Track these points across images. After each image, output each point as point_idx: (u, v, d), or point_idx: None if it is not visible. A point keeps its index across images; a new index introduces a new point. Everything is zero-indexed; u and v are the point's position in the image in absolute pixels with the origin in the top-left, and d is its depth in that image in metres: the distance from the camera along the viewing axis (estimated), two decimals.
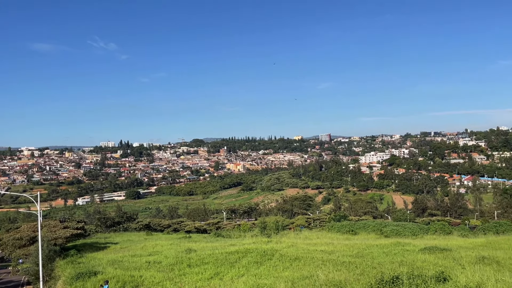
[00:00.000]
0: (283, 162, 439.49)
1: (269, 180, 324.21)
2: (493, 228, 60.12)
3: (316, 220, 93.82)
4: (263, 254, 32.76)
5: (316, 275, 23.15)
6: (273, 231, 59.02)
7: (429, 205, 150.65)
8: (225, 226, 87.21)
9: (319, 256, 31.17)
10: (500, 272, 18.36)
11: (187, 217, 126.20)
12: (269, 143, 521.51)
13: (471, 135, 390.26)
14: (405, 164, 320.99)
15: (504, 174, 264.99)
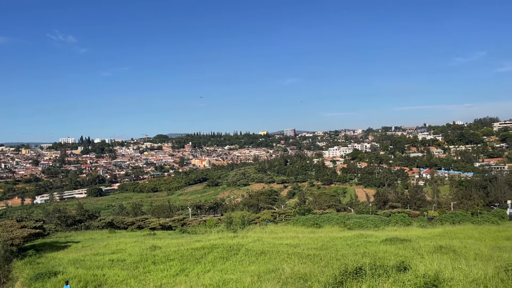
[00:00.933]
0: (249, 157, 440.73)
1: (235, 176, 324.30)
2: (449, 218, 62.72)
3: (281, 214, 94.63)
4: (229, 249, 32.75)
5: (282, 268, 23.40)
6: (239, 226, 59.07)
7: (390, 198, 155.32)
8: (190, 222, 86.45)
9: (284, 250, 31.50)
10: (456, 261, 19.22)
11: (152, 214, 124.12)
12: (235, 139, 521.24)
13: (429, 129, 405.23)
14: (367, 158, 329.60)
15: (460, 166, 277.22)
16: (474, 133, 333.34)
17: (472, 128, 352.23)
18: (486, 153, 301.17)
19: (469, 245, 31.63)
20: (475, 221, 58.49)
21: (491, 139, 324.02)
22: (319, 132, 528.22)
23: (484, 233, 41.82)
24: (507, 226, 54.33)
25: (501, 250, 29.74)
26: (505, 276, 12.54)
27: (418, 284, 11.86)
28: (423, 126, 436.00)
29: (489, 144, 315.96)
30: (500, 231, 44.69)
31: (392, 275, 13.35)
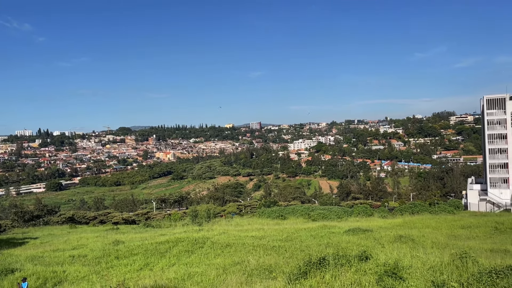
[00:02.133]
0: (215, 150, 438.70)
1: (200, 169, 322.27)
2: (409, 209, 65.01)
3: (247, 206, 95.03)
4: (194, 242, 32.56)
5: (247, 260, 23.52)
6: (204, 219, 58.82)
7: (352, 189, 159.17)
8: (155, 216, 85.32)
9: (250, 242, 31.64)
10: (415, 249, 19.97)
11: (115, 208, 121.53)
12: (200, 131, 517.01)
13: (390, 123, 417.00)
14: (331, 150, 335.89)
15: (419, 158, 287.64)
16: (432, 127, 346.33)
17: (431, 122, 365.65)
18: (443, 145, 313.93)
19: (427, 234, 32.93)
20: (432, 211, 60.88)
21: (448, 132, 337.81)
22: (285, 125, 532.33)
23: (440, 223, 43.67)
24: (462, 215, 56.99)
25: (456, 238, 31.17)
26: (460, 263, 13.12)
27: (378, 273, 12.21)
28: (385, 119, 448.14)
29: (446, 137, 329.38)
30: (456, 220, 46.83)
31: (354, 265, 13.68)
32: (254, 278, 18.76)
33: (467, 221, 45.02)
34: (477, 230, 36.78)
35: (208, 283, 19.75)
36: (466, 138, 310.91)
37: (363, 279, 12.04)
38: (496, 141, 79.60)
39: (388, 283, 11.27)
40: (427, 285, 10.82)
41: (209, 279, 20.40)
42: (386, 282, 11.37)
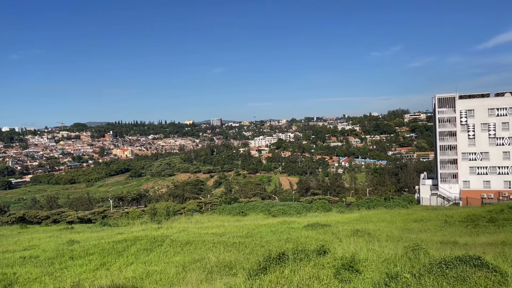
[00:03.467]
0: (174, 147, 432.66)
1: (160, 166, 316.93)
2: (365, 204, 67.00)
3: (207, 203, 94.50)
4: (153, 240, 31.99)
5: (207, 257, 23.40)
6: (163, 217, 57.93)
7: (312, 185, 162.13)
8: (112, 214, 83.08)
9: (210, 239, 31.48)
10: (370, 243, 20.60)
11: (69, 207, 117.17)
12: (159, 128, 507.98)
13: (348, 120, 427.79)
14: (290, 147, 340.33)
15: (375, 155, 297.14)
16: (388, 124, 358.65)
17: (386, 119, 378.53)
18: (398, 142, 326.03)
19: (382, 227, 34.06)
20: (387, 206, 63.06)
21: (403, 130, 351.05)
22: (245, 122, 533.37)
23: (395, 217, 45.33)
24: (414, 209, 59.41)
25: (409, 232, 32.46)
26: (412, 255, 13.66)
27: (336, 266, 12.48)
28: (343, 117, 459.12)
29: (400, 134, 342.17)
30: (409, 214, 48.77)
31: (313, 259, 13.91)
32: (214, 275, 18.69)
33: (419, 215, 46.97)
34: (428, 224, 38.48)
35: (167, 281, 19.48)
36: (419, 135, 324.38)
37: (321, 273, 12.28)
38: (447, 138, 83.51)
39: (345, 276, 11.55)
40: (382, 277, 11.19)
41: (168, 277, 20.13)
42: (343, 275, 11.65)
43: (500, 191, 78.14)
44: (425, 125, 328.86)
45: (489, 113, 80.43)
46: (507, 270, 10.47)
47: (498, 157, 79.84)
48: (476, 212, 43.02)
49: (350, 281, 11.27)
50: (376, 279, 11.16)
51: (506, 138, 79.34)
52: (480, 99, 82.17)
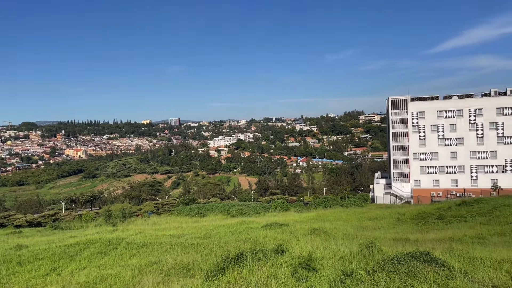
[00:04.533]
0: (131, 147, 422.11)
1: (115, 166, 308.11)
2: (322, 203, 68.36)
3: (165, 205, 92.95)
4: (108, 243, 31.00)
5: (165, 259, 22.97)
6: (119, 219, 56.36)
7: (270, 185, 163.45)
8: (64, 217, 79.84)
9: (167, 241, 30.94)
10: (327, 241, 21.01)
11: (17, 210, 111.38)
12: (115, 127, 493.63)
13: (306, 121, 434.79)
14: (250, 147, 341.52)
15: (331, 155, 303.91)
16: (344, 125, 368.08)
17: (342, 120, 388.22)
18: (354, 143, 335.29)
19: (338, 226, 34.87)
20: (343, 205, 64.66)
21: (358, 130, 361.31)
22: (204, 122, 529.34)
23: (350, 215, 46.56)
24: (369, 208, 61.34)
25: (364, 229, 33.42)
26: (367, 252, 14.06)
27: (293, 265, 12.61)
28: (301, 117, 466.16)
29: (356, 134, 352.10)
30: (364, 212, 50.27)
31: (271, 258, 13.99)
32: (171, 277, 18.38)
33: (373, 213, 48.51)
34: (382, 221, 39.82)
35: (122, 285, 18.93)
36: (374, 136, 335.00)
37: (279, 272, 12.37)
38: (399, 139, 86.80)
39: (302, 275, 11.70)
40: (338, 274, 11.42)
41: (123, 280, 19.56)
42: (300, 273, 11.79)
43: (448, 189, 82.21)
44: (379, 126, 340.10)
45: (438, 115, 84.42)
46: (454, 265, 11.00)
47: (446, 157, 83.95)
48: (426, 209, 44.96)
49: (307, 279, 11.42)
50: (332, 276, 11.37)
51: (454, 139, 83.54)
52: (430, 101, 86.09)
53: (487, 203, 38.73)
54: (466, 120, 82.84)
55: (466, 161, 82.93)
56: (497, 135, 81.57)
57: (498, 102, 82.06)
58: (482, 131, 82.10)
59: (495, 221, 30.57)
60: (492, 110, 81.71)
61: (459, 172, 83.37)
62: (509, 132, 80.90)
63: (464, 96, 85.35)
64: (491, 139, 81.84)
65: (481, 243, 19.98)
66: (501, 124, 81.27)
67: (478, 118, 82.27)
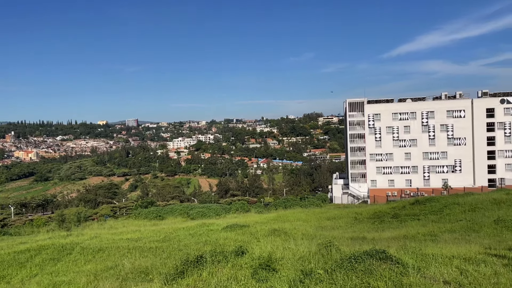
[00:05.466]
0: (86, 148, 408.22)
1: (69, 169, 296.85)
2: (282, 203, 68.94)
3: (122, 208, 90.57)
4: (61, 249, 29.77)
5: (122, 264, 22.34)
6: (73, 223, 54.35)
7: (231, 187, 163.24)
8: (13, 222, 75.88)
9: (125, 245, 30.14)
10: (287, 241, 21.19)
11: None
12: (69, 128, 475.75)
13: (266, 122, 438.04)
14: (210, 149, 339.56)
15: (291, 156, 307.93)
16: (303, 127, 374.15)
17: (302, 122, 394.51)
18: (313, 144, 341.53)
19: (298, 226, 35.29)
20: (303, 205, 65.51)
21: (317, 132, 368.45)
22: (164, 123, 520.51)
23: (310, 215, 47.26)
24: (328, 208, 62.55)
25: (323, 229, 34.03)
26: (325, 252, 14.30)
27: (253, 266, 12.62)
28: (261, 119, 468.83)
29: (315, 136, 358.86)
30: (323, 212, 51.19)
31: (231, 260, 13.93)
32: (128, 282, 17.88)
33: (332, 213, 49.49)
34: (340, 221, 40.69)
35: None
36: (332, 137, 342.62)
37: (239, 273, 12.33)
38: (356, 140, 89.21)
39: (262, 276, 11.72)
40: (297, 274, 11.53)
41: (78, 287, 18.85)
42: (260, 274, 11.80)
43: (402, 189, 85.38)
44: (337, 128, 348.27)
45: (393, 117, 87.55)
46: (408, 262, 11.39)
47: (400, 158, 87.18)
48: (382, 209, 46.42)
49: (267, 280, 11.45)
50: (291, 276, 11.47)
51: (407, 140, 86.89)
52: (385, 104, 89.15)
53: (438, 202, 40.47)
54: (419, 122, 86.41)
55: (419, 161, 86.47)
56: (447, 137, 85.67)
57: (448, 105, 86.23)
58: (434, 133, 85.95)
59: (446, 218, 32.01)
60: (442, 113, 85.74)
61: (413, 172, 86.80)
62: (458, 134, 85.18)
63: (417, 99, 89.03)
64: (441, 141, 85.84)
65: (433, 240, 20.85)
66: (451, 126, 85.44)
67: (430, 120, 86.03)
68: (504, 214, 27.81)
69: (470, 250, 14.63)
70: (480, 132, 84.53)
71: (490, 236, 21.36)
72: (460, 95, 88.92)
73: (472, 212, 31.75)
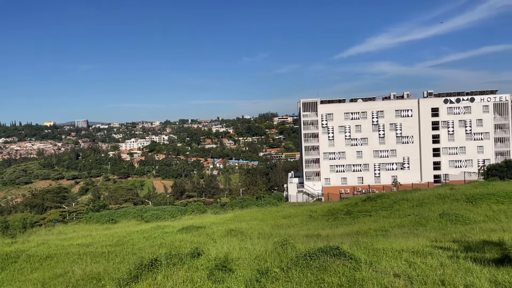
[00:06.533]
0: (32, 151, 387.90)
1: (13, 173, 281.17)
2: (239, 203, 69.03)
3: (72, 212, 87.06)
4: (5, 257, 28.11)
5: (72, 271, 21.42)
6: (18, 230, 51.47)
7: (187, 188, 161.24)
8: None
9: (75, 251, 28.94)
10: (243, 241, 21.22)
11: None
12: (13, 130, 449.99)
13: (222, 122, 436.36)
14: (165, 150, 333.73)
15: (247, 156, 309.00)
16: (259, 127, 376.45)
17: (257, 122, 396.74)
18: (268, 144, 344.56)
19: (254, 226, 35.44)
20: (259, 204, 65.92)
21: (272, 132, 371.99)
22: (116, 124, 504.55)
23: (266, 214, 47.62)
24: (283, 206, 63.30)
25: (279, 228, 34.40)
26: (281, 250, 14.44)
27: (210, 267, 12.52)
28: (217, 119, 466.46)
29: (270, 136, 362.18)
30: (279, 211, 51.73)
31: (187, 262, 13.75)
32: None
33: (287, 211, 50.13)
34: (295, 219, 41.31)
35: None
36: (287, 137, 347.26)
37: (195, 275, 12.19)
38: (310, 139, 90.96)
39: (219, 276, 11.65)
40: (253, 274, 11.56)
41: None
42: (216, 275, 11.73)
43: (355, 186, 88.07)
44: (292, 128, 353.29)
45: (345, 117, 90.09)
46: (360, 257, 11.74)
47: (352, 156, 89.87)
48: (335, 206, 47.58)
49: (223, 281, 11.39)
50: (248, 276, 11.48)
51: (359, 139, 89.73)
52: (338, 104, 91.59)
53: (388, 198, 42.05)
54: (370, 121, 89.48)
55: (370, 159, 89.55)
56: (396, 135, 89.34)
57: (396, 105, 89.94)
58: (384, 132, 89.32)
59: (395, 214, 33.33)
60: (391, 112, 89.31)
61: (364, 170, 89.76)
62: (406, 133, 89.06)
63: (368, 99, 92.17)
64: (391, 139, 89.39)
65: (384, 235, 21.63)
66: (399, 125, 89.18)
67: (380, 119, 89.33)
68: (448, 208, 29.38)
69: (418, 243, 15.32)
70: (426, 131, 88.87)
71: (436, 230, 22.48)
72: (408, 95, 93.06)
73: (420, 207, 33.23)
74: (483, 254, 12.17)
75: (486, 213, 26.59)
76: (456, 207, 30.12)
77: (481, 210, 27.58)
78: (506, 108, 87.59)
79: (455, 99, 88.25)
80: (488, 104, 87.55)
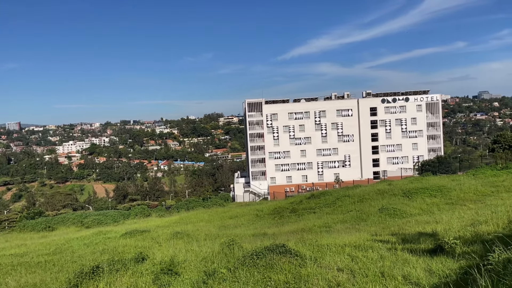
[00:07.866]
0: None
1: None
2: (185, 205, 68.05)
3: (4, 221, 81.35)
4: None
5: (5, 283, 19.99)
6: None
7: (130, 191, 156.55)
8: None
9: (7, 262, 27.04)
10: (189, 243, 20.94)
11: None
12: None
13: (166, 123, 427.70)
14: (106, 152, 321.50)
15: (193, 157, 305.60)
16: (204, 127, 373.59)
17: (203, 123, 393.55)
18: (214, 144, 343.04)
19: (201, 227, 35.12)
20: (205, 206, 65.45)
21: (218, 132, 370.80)
22: (51, 126, 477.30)
23: (213, 215, 47.37)
24: (230, 207, 63.32)
25: (226, 228, 34.32)
26: (228, 250, 14.41)
27: (155, 272, 12.23)
28: (161, 120, 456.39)
29: (216, 136, 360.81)
30: (225, 211, 51.67)
31: (131, 268, 13.31)
32: None
33: (234, 211, 50.20)
34: (242, 219, 41.45)
35: None
36: (233, 137, 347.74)
37: (139, 280, 11.84)
38: (256, 139, 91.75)
39: (164, 280, 11.40)
40: (200, 276, 11.44)
41: None
42: (162, 280, 11.47)
43: (299, 184, 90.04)
44: (238, 128, 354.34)
45: (289, 117, 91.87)
46: (305, 253, 12.00)
47: (297, 155, 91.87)
48: (281, 204, 48.32)
49: (169, 284, 11.17)
50: (194, 278, 11.33)
51: (303, 138, 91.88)
52: (282, 104, 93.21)
53: (331, 195, 43.38)
54: (312, 121, 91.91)
55: (313, 158, 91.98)
56: (338, 134, 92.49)
57: (337, 105, 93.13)
58: (326, 131, 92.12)
59: (338, 210, 34.45)
60: (333, 112, 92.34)
61: (308, 168, 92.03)
62: (347, 131, 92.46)
63: (311, 99, 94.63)
64: (333, 138, 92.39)
65: (328, 231, 22.26)
66: (341, 124, 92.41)
67: (322, 119, 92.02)
68: (387, 203, 30.86)
69: (359, 238, 15.92)
70: (365, 129, 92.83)
71: (376, 224, 23.51)
72: (348, 95, 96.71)
73: (361, 203, 34.58)
74: (419, 245, 12.88)
75: (421, 206, 28.17)
76: (394, 201, 31.66)
77: (416, 204, 29.19)
78: (437, 107, 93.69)
79: (392, 99, 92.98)
80: (421, 103, 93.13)
